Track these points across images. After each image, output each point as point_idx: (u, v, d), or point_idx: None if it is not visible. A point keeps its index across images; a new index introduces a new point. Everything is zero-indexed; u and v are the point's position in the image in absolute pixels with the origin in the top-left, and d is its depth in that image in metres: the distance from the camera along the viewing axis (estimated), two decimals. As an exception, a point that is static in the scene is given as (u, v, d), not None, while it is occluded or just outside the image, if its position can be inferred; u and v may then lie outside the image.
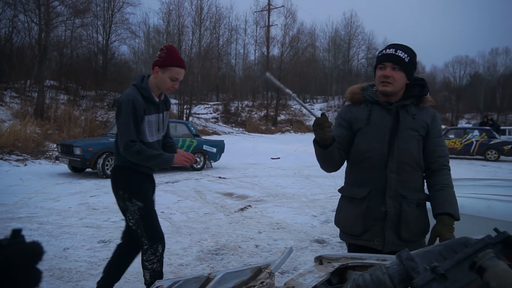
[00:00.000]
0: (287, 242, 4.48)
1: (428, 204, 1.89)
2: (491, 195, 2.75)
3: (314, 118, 1.77)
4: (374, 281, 0.98)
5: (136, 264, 3.68)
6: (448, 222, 1.73)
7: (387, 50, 1.83)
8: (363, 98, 1.91)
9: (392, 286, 0.96)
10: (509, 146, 14.92)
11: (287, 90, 1.81)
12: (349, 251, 1.99)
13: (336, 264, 1.53)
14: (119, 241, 4.28)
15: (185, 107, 27.09)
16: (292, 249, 1.61)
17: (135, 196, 2.51)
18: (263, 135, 29.84)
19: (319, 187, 8.31)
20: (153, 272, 2.66)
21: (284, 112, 38.10)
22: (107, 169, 8.79)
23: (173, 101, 30.09)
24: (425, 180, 1.91)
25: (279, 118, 35.68)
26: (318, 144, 1.80)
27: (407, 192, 1.80)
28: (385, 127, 1.82)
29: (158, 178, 9.14)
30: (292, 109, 40.57)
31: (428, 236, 1.83)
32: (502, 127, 23.74)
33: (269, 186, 8.34)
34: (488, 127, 17.16)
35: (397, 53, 1.79)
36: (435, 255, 0.99)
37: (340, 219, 1.97)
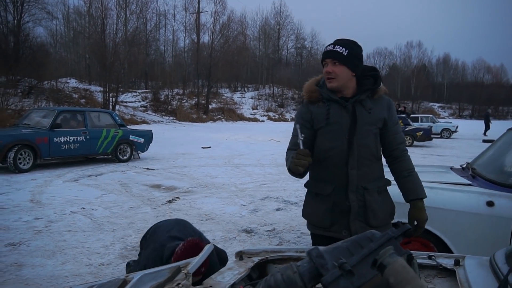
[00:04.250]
0: (215, 234, 4.44)
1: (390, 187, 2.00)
2: (431, 183, 2.81)
3: (246, 108, 1.73)
4: (285, 281, 0.97)
5: (50, 268, 3.41)
6: (420, 205, 1.88)
7: (327, 47, 1.88)
8: (320, 96, 1.93)
9: (303, 284, 0.95)
10: (421, 133, 16.30)
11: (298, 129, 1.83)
12: (314, 241, 2.05)
13: (256, 259, 1.52)
14: (31, 242, 3.96)
15: (111, 95, 25.67)
16: (212, 246, 1.57)
17: None
18: (194, 123, 29.40)
19: (249, 176, 8.37)
20: None
21: (215, 100, 37.84)
22: (20, 163, 8.03)
23: (97, 88, 28.45)
24: (388, 166, 2.02)
25: (210, 107, 35.38)
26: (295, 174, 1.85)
27: (368, 183, 1.88)
28: (344, 125, 1.86)
29: (80, 170, 8.58)
30: (224, 97, 40.44)
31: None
32: (415, 115, 26.06)
33: (198, 176, 8.22)
34: (404, 115, 18.60)
35: (335, 49, 1.83)
36: (343, 251, 1.00)
37: (308, 214, 2.03)
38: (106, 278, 1.37)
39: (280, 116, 41.16)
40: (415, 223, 1.87)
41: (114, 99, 25.63)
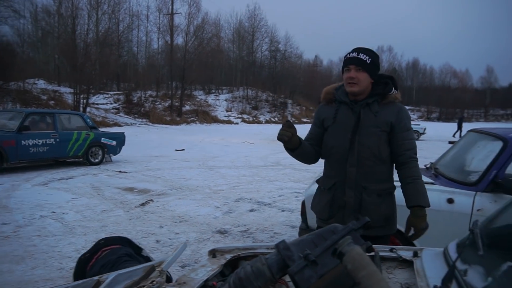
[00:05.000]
0: (189, 235, 4.46)
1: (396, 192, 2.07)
2: (396, 182, 2.91)
3: (221, 111, 1.79)
4: (254, 272, 1.03)
5: (19, 273, 3.35)
6: (419, 213, 1.90)
7: (351, 54, 1.99)
8: (334, 97, 2.09)
9: (271, 275, 1.02)
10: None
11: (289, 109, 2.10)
12: None
13: (229, 256, 1.57)
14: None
15: (81, 96, 25.05)
16: (186, 245, 1.60)
17: None
18: (168, 126, 29.11)
19: (223, 178, 8.40)
20: None
21: (189, 102, 37.57)
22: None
23: (67, 90, 27.71)
24: (396, 171, 2.07)
25: (184, 109, 35.10)
26: (286, 147, 2.00)
27: (368, 184, 1.97)
28: (348, 125, 1.99)
29: (50, 174, 8.36)
30: (198, 99, 40.21)
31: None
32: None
33: (172, 178, 8.18)
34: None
35: (359, 56, 1.96)
36: (308, 243, 1.07)
37: (313, 206, 2.19)
38: (79, 280, 1.38)
39: (254, 118, 41.32)
40: (412, 229, 1.92)
41: (85, 100, 25.05)
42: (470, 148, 3.39)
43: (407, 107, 2.10)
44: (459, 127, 26.21)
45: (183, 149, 14.01)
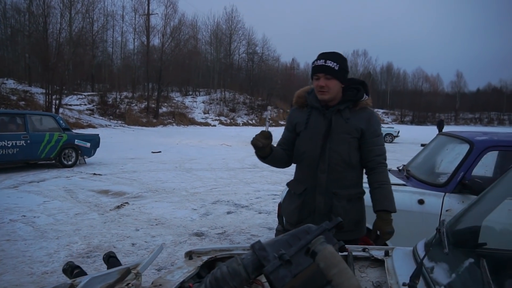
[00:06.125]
0: (166, 238, 4.42)
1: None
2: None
3: (198, 113, 1.79)
4: (230, 272, 1.05)
5: None
6: (385, 217, 1.92)
7: (318, 62, 1.95)
8: (305, 102, 2.07)
9: (246, 275, 1.04)
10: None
11: (267, 115, 1.99)
12: None
13: (205, 258, 1.58)
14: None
15: (54, 97, 24.38)
16: (162, 247, 1.60)
17: None
18: (144, 128, 28.72)
19: (200, 180, 8.36)
20: None
21: (166, 104, 37.17)
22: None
23: (39, 90, 26.92)
24: (365, 176, 2.08)
25: (161, 111, 34.69)
26: (257, 155, 2.02)
27: (338, 189, 1.97)
28: (320, 131, 1.98)
29: (20, 177, 8.11)
30: (175, 101, 39.84)
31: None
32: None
33: (148, 181, 8.08)
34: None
35: (327, 64, 1.92)
36: (283, 243, 1.10)
37: (283, 209, 2.20)
38: (51, 285, 1.36)
39: (232, 120, 41.27)
40: (378, 233, 1.94)
41: (57, 101, 24.40)
42: (439, 151, 3.51)
43: (381, 111, 2.19)
44: (440, 130, 27.03)
45: (159, 151, 13.85)
